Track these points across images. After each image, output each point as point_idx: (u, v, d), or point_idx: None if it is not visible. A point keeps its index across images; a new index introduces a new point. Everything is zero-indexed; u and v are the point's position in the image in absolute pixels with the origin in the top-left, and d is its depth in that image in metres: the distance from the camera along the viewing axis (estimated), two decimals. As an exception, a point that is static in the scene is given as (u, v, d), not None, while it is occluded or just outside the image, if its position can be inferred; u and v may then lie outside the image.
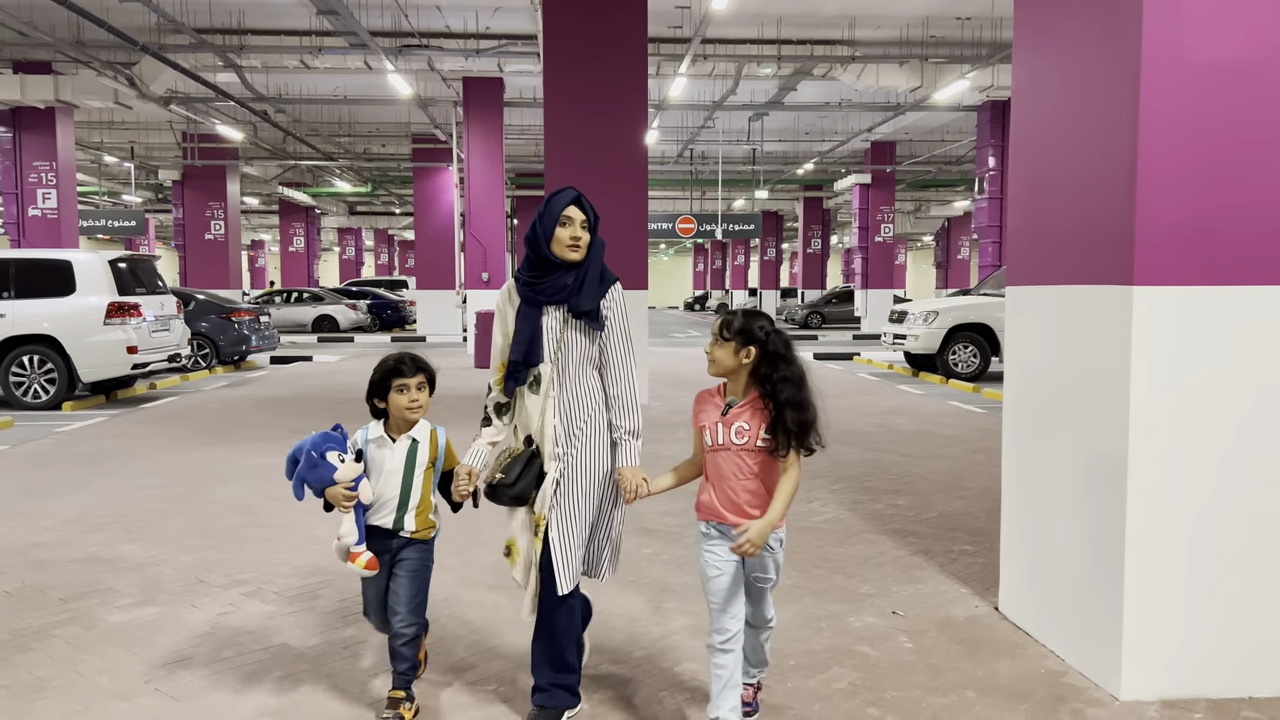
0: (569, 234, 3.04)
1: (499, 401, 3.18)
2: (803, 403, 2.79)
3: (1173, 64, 3.27)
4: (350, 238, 44.57)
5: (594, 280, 3.08)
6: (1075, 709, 3.32)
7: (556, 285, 3.06)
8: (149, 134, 26.25)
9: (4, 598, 4.45)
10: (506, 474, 3.02)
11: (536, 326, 3.06)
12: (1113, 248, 3.42)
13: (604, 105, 11.22)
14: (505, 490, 3.01)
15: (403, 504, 3.13)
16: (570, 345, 3.08)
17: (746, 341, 2.83)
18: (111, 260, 12.12)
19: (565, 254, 3.04)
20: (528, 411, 3.11)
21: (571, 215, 3.05)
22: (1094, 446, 3.55)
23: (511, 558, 3.15)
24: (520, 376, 3.09)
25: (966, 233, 40.59)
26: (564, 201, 3.07)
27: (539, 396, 3.08)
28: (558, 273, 3.06)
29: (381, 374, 3.12)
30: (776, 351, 2.82)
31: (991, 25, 16.94)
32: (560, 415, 3.07)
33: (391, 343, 24.50)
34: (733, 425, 2.84)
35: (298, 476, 3.06)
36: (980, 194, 20.20)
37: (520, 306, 3.11)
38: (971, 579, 4.76)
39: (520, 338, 3.07)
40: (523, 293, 3.10)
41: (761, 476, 2.86)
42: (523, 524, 3.12)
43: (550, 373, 3.07)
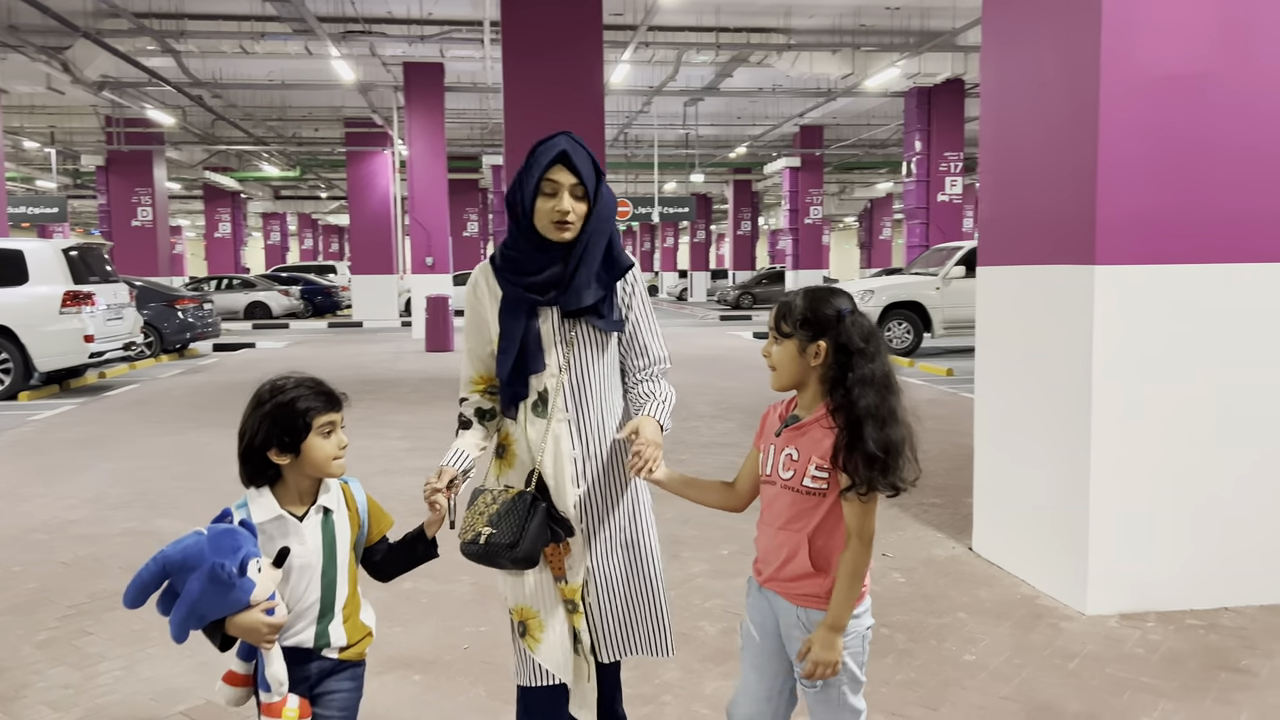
0: (553, 208, 2.18)
1: (481, 407, 2.36)
2: (889, 415, 1.96)
3: (1127, 77, 3.86)
4: (275, 223, 43.94)
5: (590, 268, 2.23)
6: (1051, 623, 3.93)
7: (548, 277, 2.23)
8: (70, 118, 25.61)
9: (63, 568, 4.74)
10: (500, 529, 2.16)
11: (528, 328, 2.25)
12: (1077, 232, 4.02)
13: (562, 92, 11.58)
14: (504, 553, 2.16)
15: (325, 610, 2.09)
16: (583, 349, 2.29)
17: (815, 334, 2.03)
18: (64, 249, 12.10)
19: (552, 233, 2.21)
20: (530, 440, 2.28)
21: (557, 180, 2.17)
22: (1062, 402, 4.16)
23: (529, 638, 2.31)
24: (519, 393, 2.28)
25: (889, 214, 41.94)
26: (546, 157, 2.18)
27: (544, 420, 2.27)
28: (548, 255, 2.23)
29: (285, 411, 2.01)
30: (851, 343, 1.99)
31: (920, 15, 17.72)
32: (580, 442, 2.29)
33: (328, 329, 24.46)
34: (784, 451, 2.09)
35: (184, 610, 1.88)
36: (908, 177, 21.09)
37: (502, 300, 2.28)
38: (944, 526, 5.37)
39: (508, 343, 2.26)
40: (505, 284, 2.28)
41: (808, 531, 2.05)
42: (545, 594, 2.31)
43: (560, 386, 2.26)
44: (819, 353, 2.02)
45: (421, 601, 4.21)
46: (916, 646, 3.71)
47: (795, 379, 2.08)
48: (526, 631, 2.31)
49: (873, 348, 2.00)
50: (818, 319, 2.03)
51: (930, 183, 20.64)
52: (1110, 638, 3.77)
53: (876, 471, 1.94)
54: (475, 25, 17.18)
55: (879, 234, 41.95)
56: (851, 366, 1.98)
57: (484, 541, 2.17)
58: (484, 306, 2.33)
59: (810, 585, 2.05)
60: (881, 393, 1.97)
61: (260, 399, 2.04)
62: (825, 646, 2.01)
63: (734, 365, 13.71)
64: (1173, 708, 3.18)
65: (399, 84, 20.62)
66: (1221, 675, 3.42)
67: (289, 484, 2.06)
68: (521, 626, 2.31)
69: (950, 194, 20.68)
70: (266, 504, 2.05)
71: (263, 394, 2.05)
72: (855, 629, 2.07)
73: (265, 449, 2.01)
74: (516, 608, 2.32)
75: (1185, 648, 3.67)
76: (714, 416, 9.12)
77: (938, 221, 20.71)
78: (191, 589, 1.86)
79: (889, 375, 2.00)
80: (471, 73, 20.96)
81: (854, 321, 2.01)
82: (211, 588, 1.87)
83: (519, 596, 2.31)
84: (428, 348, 16.91)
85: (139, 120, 23.71)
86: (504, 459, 2.36)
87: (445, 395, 10.90)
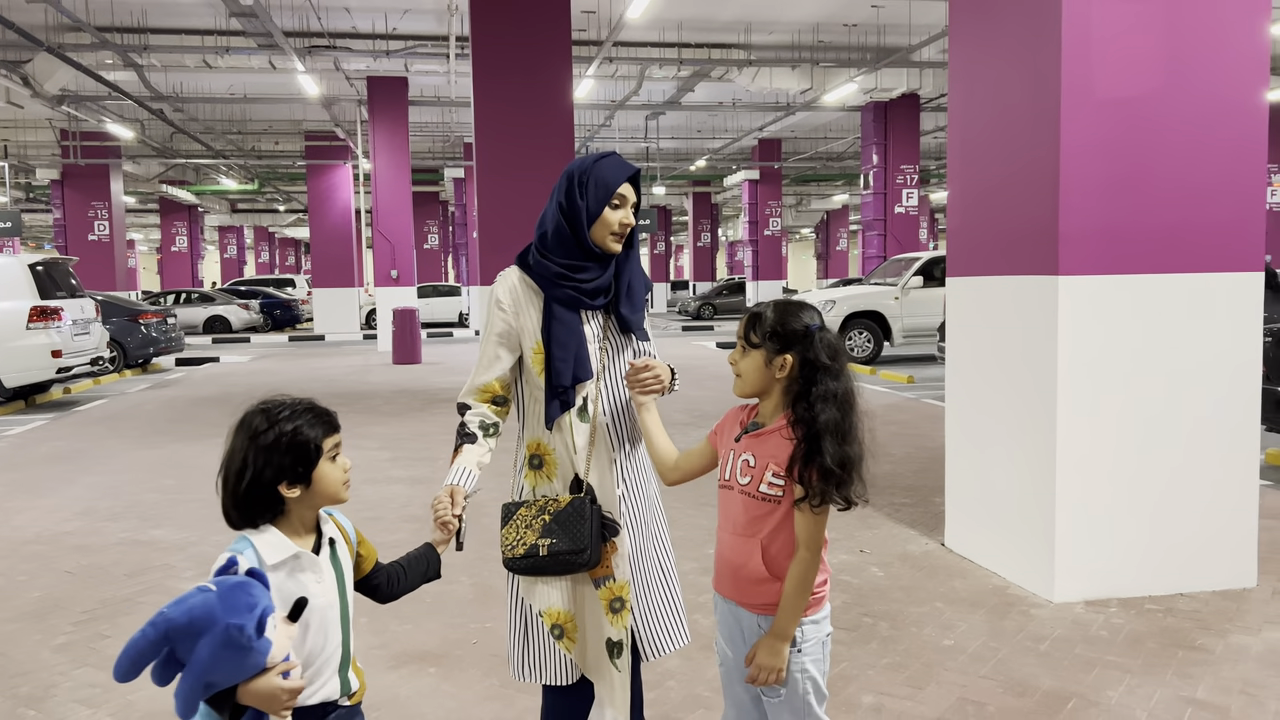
0: (620, 219, 2.35)
1: (486, 420, 2.39)
2: (848, 432, 2.01)
3: (1085, 97, 4.17)
4: (232, 236, 43.56)
5: (641, 283, 2.46)
6: (1022, 610, 4.21)
7: (597, 284, 2.37)
8: (25, 132, 25.33)
9: (68, 577, 4.84)
10: (562, 539, 2.27)
11: (581, 335, 2.36)
12: (1040, 245, 4.31)
13: (532, 107, 11.79)
14: (572, 559, 2.26)
15: (345, 655, 1.90)
16: (617, 352, 2.43)
17: (781, 347, 2.06)
18: (31, 264, 12.05)
19: (608, 244, 2.35)
20: (577, 446, 2.36)
21: (626, 195, 2.36)
22: (1029, 404, 4.45)
23: (566, 640, 2.38)
24: (569, 400, 2.36)
25: (845, 225, 42.60)
26: (620, 175, 2.35)
27: (589, 423, 2.37)
28: (595, 263, 2.37)
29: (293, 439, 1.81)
30: (818, 359, 2.02)
31: (876, 32, 18.20)
32: (620, 447, 2.41)
33: (289, 342, 24.36)
34: (741, 456, 2.12)
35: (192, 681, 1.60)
36: (866, 189, 21.57)
37: (553, 307, 2.36)
38: (916, 523, 5.64)
39: (563, 350, 2.33)
40: (554, 290, 2.35)
41: (761, 537, 2.08)
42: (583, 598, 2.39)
43: (598, 389, 2.39)
44: (784, 365, 2.05)
45: (425, 601, 4.38)
46: (898, 633, 3.96)
47: (758, 387, 2.10)
48: (564, 634, 2.36)
49: (838, 365, 2.03)
50: (786, 332, 2.05)
51: (888, 194, 21.14)
52: (1077, 622, 4.05)
53: (831, 485, 1.97)
54: (440, 40, 17.35)
55: (835, 245, 42.60)
56: (816, 381, 2.01)
57: (545, 553, 2.25)
58: (522, 313, 2.38)
59: (766, 592, 2.07)
60: (843, 409, 2.00)
61: (256, 429, 1.80)
62: (770, 653, 2.04)
63: (700, 374, 13.96)
64: (1137, 682, 3.46)
65: (362, 98, 20.71)
66: (1180, 653, 3.71)
67: (293, 518, 1.83)
68: (557, 630, 2.36)
69: (907, 205, 21.19)
70: (277, 542, 1.80)
71: (257, 424, 1.80)
72: (815, 635, 2.10)
73: (274, 483, 1.78)
74: (548, 611, 2.36)
75: (1145, 629, 3.96)
76: (687, 424, 9.35)
77: (895, 232, 21.20)
78: (201, 656, 1.58)
79: (850, 393, 2.03)
80: (435, 86, 21.10)
81: (822, 338, 2.04)
82: (225, 653, 1.58)
83: (550, 601, 2.35)
84: (395, 360, 16.97)
85: (96, 134, 23.51)
86: (542, 470, 2.40)
87: (418, 407, 11.02)
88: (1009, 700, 3.33)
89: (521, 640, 2.42)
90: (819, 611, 2.12)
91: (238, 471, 1.78)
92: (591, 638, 2.38)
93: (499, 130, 11.63)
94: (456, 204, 31.50)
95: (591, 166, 2.35)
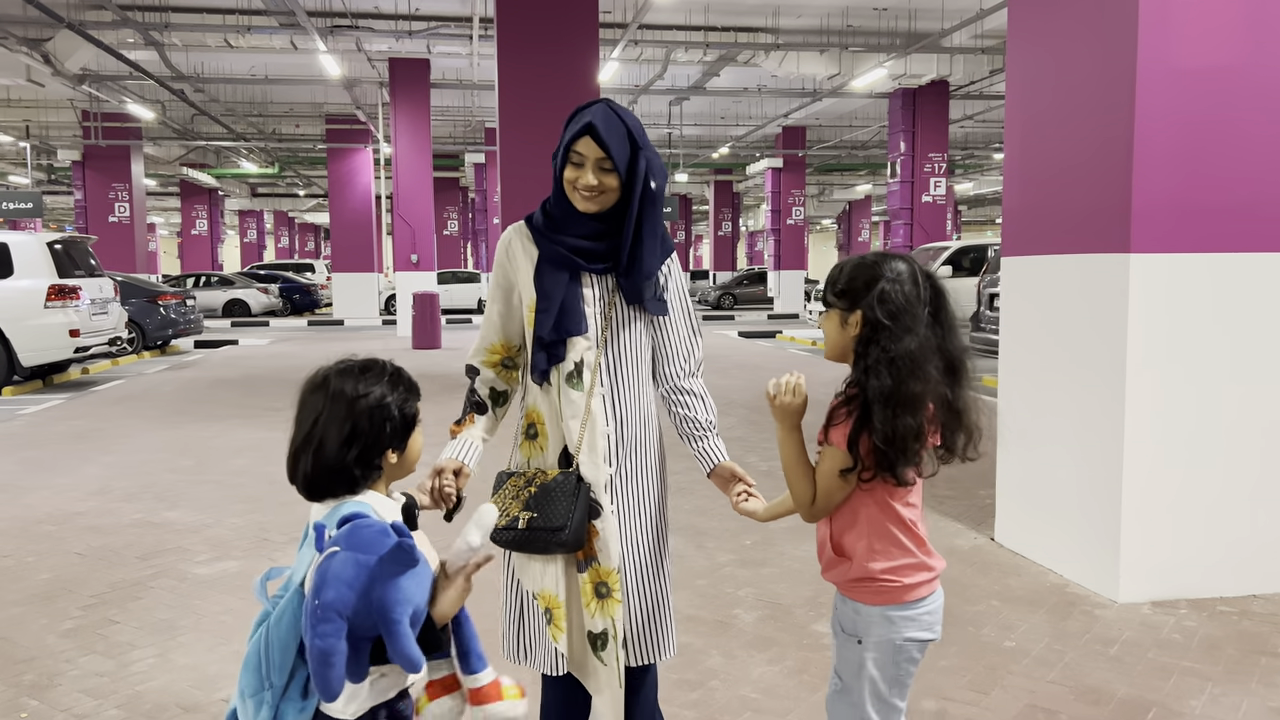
0: (575, 179, 2.10)
1: (495, 387, 2.27)
2: (903, 399, 1.77)
3: (1163, 67, 3.88)
4: (252, 220, 43.49)
5: (653, 253, 2.16)
6: (1085, 610, 3.94)
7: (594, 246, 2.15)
8: (47, 112, 25.24)
9: (79, 559, 4.64)
10: (543, 513, 2.07)
11: (569, 289, 2.15)
12: (1111, 220, 4.03)
13: (557, 88, 11.54)
14: (549, 537, 2.06)
15: None
16: (625, 321, 2.20)
17: (851, 304, 1.86)
18: (49, 242, 11.91)
19: (577, 202, 2.13)
20: (564, 413, 2.15)
21: (583, 152, 2.08)
22: (1094, 392, 4.17)
23: (554, 627, 2.15)
24: (555, 354, 2.15)
25: (867, 216, 42.15)
26: (575, 128, 2.09)
27: (582, 392, 2.15)
28: (591, 221, 2.15)
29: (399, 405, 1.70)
30: (877, 318, 1.81)
31: (908, 16, 17.81)
32: (615, 419, 2.17)
33: (309, 327, 24.23)
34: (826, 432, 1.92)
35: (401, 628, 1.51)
36: (893, 177, 21.19)
37: (539, 260, 2.19)
38: (962, 517, 5.38)
39: (546, 301, 2.15)
40: (543, 245, 2.19)
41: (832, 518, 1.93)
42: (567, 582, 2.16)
43: (598, 359, 2.17)
44: (857, 323, 1.85)
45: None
46: (955, 633, 3.71)
47: (839, 350, 1.91)
48: (552, 620, 2.15)
49: (900, 324, 1.79)
50: (852, 288, 1.87)
51: (914, 184, 20.75)
52: (1146, 624, 3.79)
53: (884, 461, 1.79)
54: (464, 21, 17.09)
55: (858, 236, 42.15)
56: (875, 341, 1.81)
57: (524, 526, 2.07)
58: (516, 268, 2.23)
59: (842, 571, 1.91)
60: (899, 376, 1.77)
61: (354, 395, 1.65)
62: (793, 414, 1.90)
63: (726, 363, 13.72)
64: (1220, 691, 3.19)
65: (384, 80, 20.47)
66: (1263, 660, 3.44)
67: (380, 488, 1.71)
68: (548, 614, 2.16)
69: (934, 195, 20.80)
70: (389, 506, 1.69)
71: (350, 389, 1.66)
72: (883, 634, 1.87)
73: (383, 450, 1.67)
74: (541, 593, 2.17)
75: (1221, 634, 3.69)
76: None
77: (921, 222, 20.83)
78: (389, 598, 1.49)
79: (913, 355, 1.77)
80: (457, 69, 20.85)
81: (885, 292, 1.81)
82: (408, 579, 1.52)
83: (543, 583, 2.16)
84: (414, 345, 16.79)
85: (117, 115, 23.40)
86: (535, 441, 2.22)
87: (437, 391, 10.81)
88: (1083, 708, 3.08)
89: (516, 618, 2.24)
90: (891, 604, 1.87)
91: (346, 438, 1.64)
92: (577, 630, 2.17)
93: (522, 113, 11.38)
94: (477, 190, 31.27)
95: (568, 120, 2.13)
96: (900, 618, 1.88)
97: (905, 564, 1.88)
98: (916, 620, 1.90)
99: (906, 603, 1.88)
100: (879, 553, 1.88)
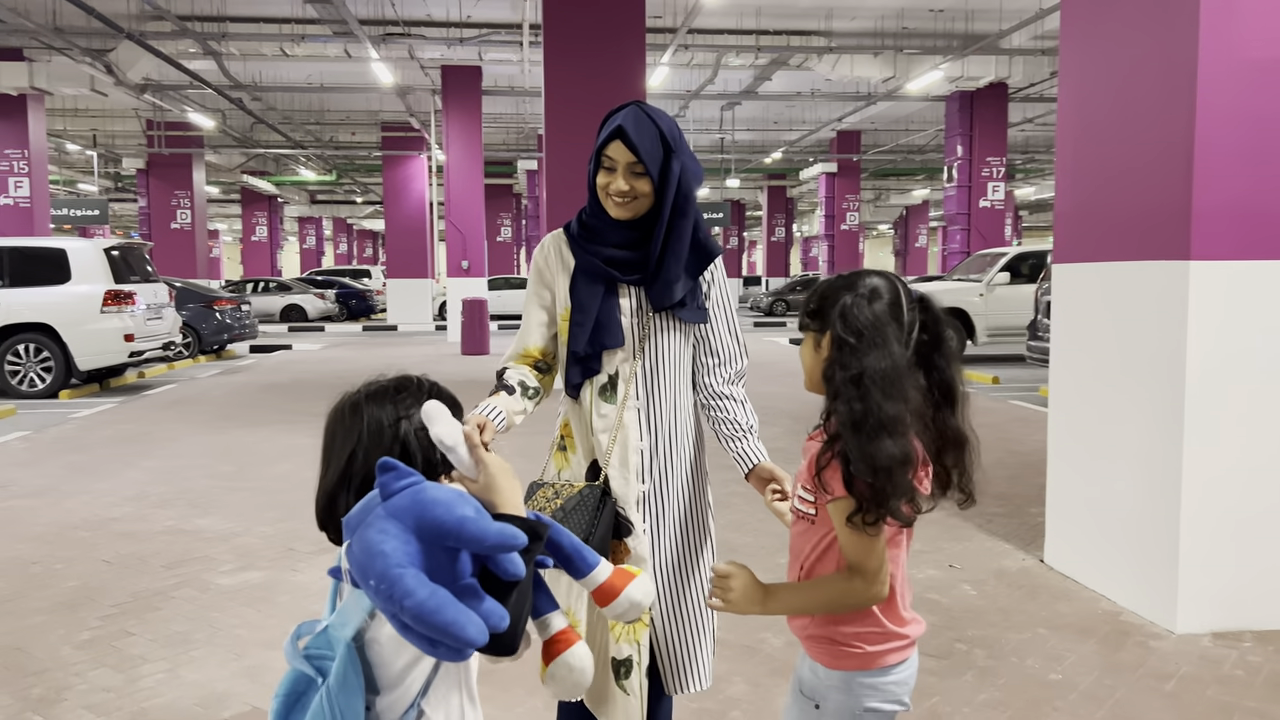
0: (607, 184, 2.05)
1: (526, 382, 2.13)
2: (876, 424, 1.51)
3: (1226, 62, 3.63)
4: (311, 227, 44.24)
5: (679, 258, 2.07)
6: (1139, 641, 3.70)
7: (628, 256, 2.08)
8: (112, 122, 25.89)
9: (106, 566, 4.63)
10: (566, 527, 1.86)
11: (605, 301, 2.09)
12: (1169, 225, 3.79)
13: (604, 93, 11.44)
14: None
15: None
16: (663, 332, 2.12)
17: (822, 325, 1.65)
18: (106, 249, 12.12)
19: (610, 209, 2.07)
20: (595, 428, 2.10)
21: (614, 156, 2.02)
22: (1151, 405, 3.92)
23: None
24: (590, 368, 2.10)
25: (925, 221, 41.50)
26: (606, 131, 2.04)
27: (615, 405, 2.10)
28: (625, 230, 2.09)
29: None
30: (842, 336, 1.58)
31: (964, 17, 17.44)
32: (650, 434, 2.11)
33: (363, 332, 24.47)
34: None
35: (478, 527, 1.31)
36: (950, 182, 20.77)
37: (576, 270, 2.13)
38: (1010, 536, 5.13)
39: (581, 314, 2.08)
40: (580, 255, 2.13)
41: (801, 561, 1.71)
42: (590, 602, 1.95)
43: (633, 371, 2.10)
44: (828, 347, 1.62)
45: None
46: (997, 664, 3.49)
47: (816, 380, 1.66)
48: None
49: (867, 341, 1.55)
50: (823, 308, 1.64)
51: (972, 188, 20.30)
52: (1206, 658, 3.53)
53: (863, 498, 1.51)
54: (514, 28, 17.12)
55: (914, 241, 41.51)
56: (840, 362, 1.57)
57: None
58: (552, 275, 2.18)
59: (801, 625, 1.68)
60: (868, 397, 1.51)
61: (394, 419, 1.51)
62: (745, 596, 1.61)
63: (774, 371, 13.48)
64: (1286, 735, 2.95)
65: (436, 87, 20.61)
66: (1334, 700, 3.18)
67: None
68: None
69: (992, 199, 20.33)
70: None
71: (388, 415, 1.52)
72: (841, 704, 1.64)
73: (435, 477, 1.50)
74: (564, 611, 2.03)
75: (1289, 670, 3.43)
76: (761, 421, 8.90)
77: (979, 227, 20.36)
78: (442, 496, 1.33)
79: (883, 375, 1.52)
80: (509, 76, 20.92)
81: (847, 306, 1.58)
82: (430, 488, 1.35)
83: (565, 601, 2.03)
84: (463, 350, 16.83)
85: (179, 124, 23.93)
86: (566, 452, 2.19)
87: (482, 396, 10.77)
88: (1133, 751, 2.86)
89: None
90: (863, 670, 1.63)
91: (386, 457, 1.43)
92: (596, 653, 2.01)
93: (569, 120, 11.31)
94: (529, 196, 31.38)
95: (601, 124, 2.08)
96: (863, 685, 1.65)
97: (873, 631, 1.65)
98: (881, 689, 1.66)
99: (872, 669, 1.65)
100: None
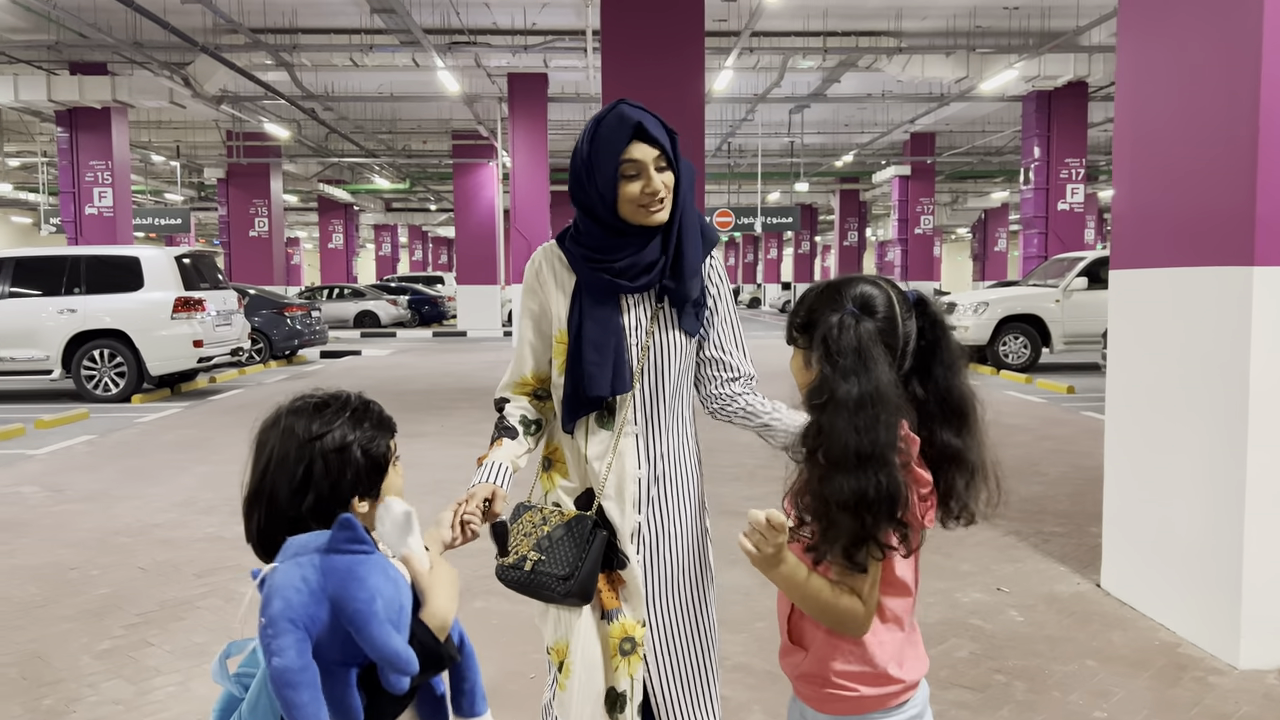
0: (642, 190, 1.87)
1: (527, 416, 2.04)
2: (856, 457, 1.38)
3: (1294, 50, 3.36)
4: (386, 234, 45.04)
5: (695, 249, 1.94)
6: (1196, 676, 3.43)
7: (631, 262, 1.91)
8: (194, 133, 26.68)
9: (140, 573, 4.66)
10: (551, 557, 1.87)
11: (619, 338, 1.93)
12: (1231, 230, 3.52)
13: (662, 99, 11.34)
14: (555, 585, 1.84)
15: None
16: (665, 352, 1.96)
17: (812, 340, 1.52)
18: (177, 256, 12.44)
19: (639, 218, 1.89)
20: (589, 455, 1.97)
21: (639, 158, 1.86)
22: (1211, 421, 3.65)
23: (563, 676, 1.95)
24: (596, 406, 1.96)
25: (1004, 224, 40.43)
26: (622, 136, 1.86)
27: (611, 431, 1.95)
28: (627, 239, 1.92)
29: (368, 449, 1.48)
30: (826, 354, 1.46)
31: (1040, 15, 16.90)
32: (648, 461, 1.97)
33: (433, 338, 24.76)
34: None
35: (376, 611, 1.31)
36: (1026, 184, 20.14)
37: (581, 295, 1.95)
38: (1068, 558, 4.86)
39: (598, 354, 1.91)
40: (586, 274, 1.94)
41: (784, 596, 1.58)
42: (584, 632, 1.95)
43: (630, 394, 1.94)
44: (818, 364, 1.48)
45: (492, 623, 3.96)
46: (1038, 699, 3.27)
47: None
48: (564, 671, 1.95)
49: (850, 362, 1.41)
50: (813, 321, 1.50)
51: (1050, 191, 19.63)
52: (1270, 697, 3.26)
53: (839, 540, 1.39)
54: (578, 35, 17.12)
55: (994, 245, 40.44)
56: (818, 388, 1.45)
57: (529, 569, 1.87)
58: (548, 294, 2.01)
59: (793, 663, 1.57)
60: (844, 424, 1.38)
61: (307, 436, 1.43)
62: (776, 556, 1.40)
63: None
64: (1354, 789, 2.68)
65: (503, 95, 20.76)
66: None
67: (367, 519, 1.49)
68: (562, 666, 1.96)
69: (1071, 202, 19.64)
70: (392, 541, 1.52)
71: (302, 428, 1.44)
72: None
73: (345, 499, 1.43)
74: (555, 645, 1.97)
75: (1363, 714, 3.13)
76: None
77: (1057, 231, 19.69)
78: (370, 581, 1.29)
79: (866, 398, 1.38)
80: (575, 83, 20.95)
81: (837, 325, 1.44)
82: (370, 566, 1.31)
83: (559, 633, 1.97)
84: (526, 357, 16.88)
85: (256, 134, 24.53)
86: (550, 472, 2.05)
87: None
88: (1179, 802, 2.62)
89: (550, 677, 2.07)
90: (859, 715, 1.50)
91: (298, 485, 1.42)
92: (582, 689, 1.92)
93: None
94: (598, 202, 31.44)
95: (593, 137, 1.89)
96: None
97: (868, 672, 1.50)
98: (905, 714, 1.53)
99: (868, 713, 1.51)
100: (840, 650, 1.50)
